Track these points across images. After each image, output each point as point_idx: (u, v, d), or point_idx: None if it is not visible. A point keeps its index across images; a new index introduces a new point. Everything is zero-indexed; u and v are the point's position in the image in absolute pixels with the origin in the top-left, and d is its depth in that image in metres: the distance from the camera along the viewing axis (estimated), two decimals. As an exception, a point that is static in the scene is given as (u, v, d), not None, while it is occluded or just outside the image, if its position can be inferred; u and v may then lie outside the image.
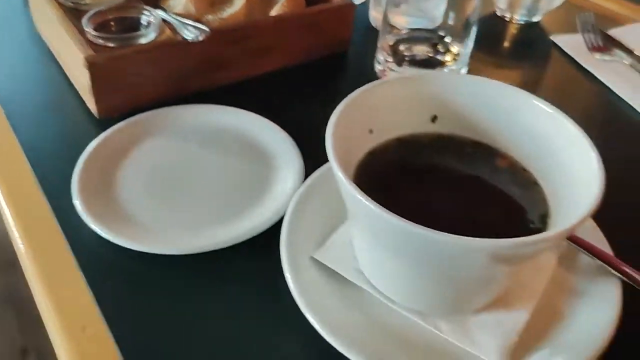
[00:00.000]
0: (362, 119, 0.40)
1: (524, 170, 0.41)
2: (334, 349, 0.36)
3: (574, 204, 0.34)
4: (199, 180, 0.50)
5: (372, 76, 0.66)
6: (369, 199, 0.32)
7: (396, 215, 0.31)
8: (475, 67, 0.70)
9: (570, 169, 0.36)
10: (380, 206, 0.31)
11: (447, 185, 0.41)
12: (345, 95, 0.39)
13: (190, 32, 0.55)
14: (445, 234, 0.30)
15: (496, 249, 0.30)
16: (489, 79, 0.41)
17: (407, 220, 0.30)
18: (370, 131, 0.42)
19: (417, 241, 0.32)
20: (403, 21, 0.69)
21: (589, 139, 0.36)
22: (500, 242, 0.29)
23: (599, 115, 0.64)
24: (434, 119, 0.43)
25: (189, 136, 0.54)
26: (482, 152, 0.42)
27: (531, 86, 0.68)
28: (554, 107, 0.39)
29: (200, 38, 0.54)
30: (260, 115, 0.56)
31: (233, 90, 0.62)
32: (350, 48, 0.71)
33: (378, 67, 0.65)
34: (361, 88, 0.40)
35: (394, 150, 0.42)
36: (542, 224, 0.36)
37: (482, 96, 0.41)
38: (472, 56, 0.70)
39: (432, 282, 0.37)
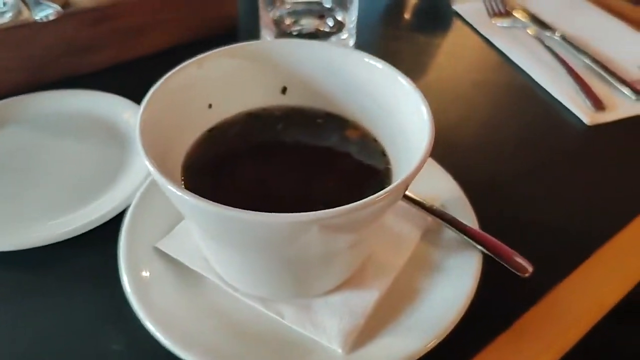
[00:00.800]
0: (195, 94, 0.37)
1: (375, 140, 0.38)
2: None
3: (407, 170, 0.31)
4: (45, 171, 0.46)
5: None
6: (169, 181, 0.28)
7: (199, 197, 0.27)
8: (371, 39, 0.67)
9: (408, 131, 0.34)
10: (180, 187, 0.28)
11: (291, 161, 0.38)
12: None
13: (40, 12, 0.50)
14: (251, 212, 0.27)
15: (295, 223, 0.27)
16: (330, 43, 0.38)
17: (210, 202, 0.27)
18: (210, 106, 0.38)
19: (227, 223, 0.29)
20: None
21: (420, 93, 0.33)
22: (295, 217, 0.27)
23: (492, 82, 0.62)
24: (284, 90, 0.40)
25: (42, 124, 0.50)
26: (333, 124, 0.40)
27: (427, 56, 0.66)
28: (385, 63, 0.36)
29: (51, 17, 0.50)
30: (124, 98, 0.52)
31: (104, 75, 0.58)
32: (241, 26, 0.67)
33: (264, 44, 0.62)
34: (187, 61, 0.36)
35: (240, 126, 0.39)
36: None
37: (327, 63, 0.38)
38: (370, 29, 0.67)
39: (267, 265, 0.34)
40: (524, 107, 0.58)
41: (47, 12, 0.50)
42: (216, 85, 0.38)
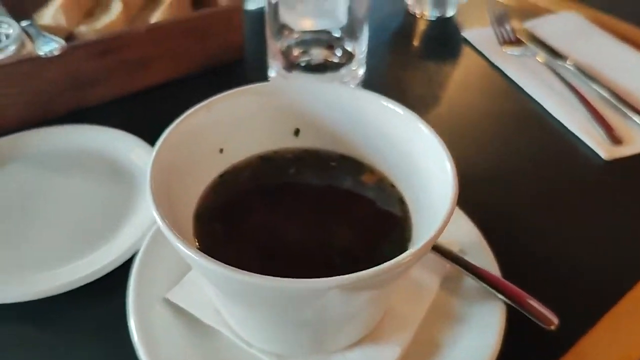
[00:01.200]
0: (206, 139, 0.36)
1: (392, 186, 0.37)
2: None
3: (429, 228, 0.30)
4: (49, 212, 0.44)
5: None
6: (181, 240, 0.27)
7: (211, 259, 0.26)
8: (380, 67, 0.66)
9: (428, 180, 0.32)
10: (192, 248, 0.27)
11: (306, 208, 0.36)
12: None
13: (45, 46, 0.49)
14: (267, 277, 0.25)
15: (314, 290, 0.26)
16: (343, 85, 0.37)
17: (224, 265, 0.26)
18: (221, 150, 0.37)
19: (241, 286, 0.27)
20: (308, 24, 0.65)
21: (443, 144, 0.32)
22: (314, 282, 0.25)
23: (503, 111, 0.61)
24: (297, 132, 0.39)
25: (46, 162, 0.48)
26: (348, 168, 0.38)
27: (436, 84, 0.65)
28: (406, 109, 0.34)
29: (56, 52, 0.49)
30: (130, 134, 0.50)
31: (110, 107, 0.56)
32: (248, 56, 0.66)
33: (272, 75, 0.61)
34: (198, 105, 0.35)
35: (252, 170, 0.38)
36: (400, 250, 0.32)
37: (341, 105, 0.37)
38: (378, 56, 0.66)
39: (283, 323, 0.32)
40: (538, 139, 0.57)
41: (51, 47, 0.49)
42: (227, 129, 0.37)
